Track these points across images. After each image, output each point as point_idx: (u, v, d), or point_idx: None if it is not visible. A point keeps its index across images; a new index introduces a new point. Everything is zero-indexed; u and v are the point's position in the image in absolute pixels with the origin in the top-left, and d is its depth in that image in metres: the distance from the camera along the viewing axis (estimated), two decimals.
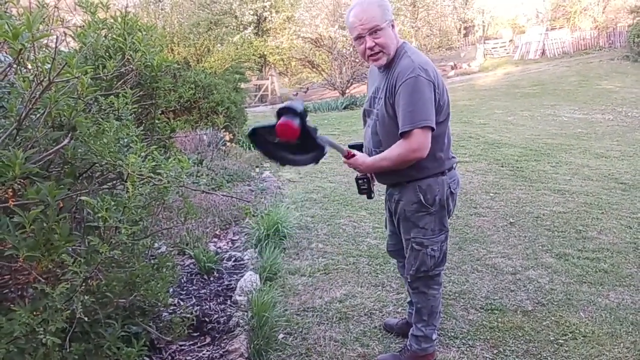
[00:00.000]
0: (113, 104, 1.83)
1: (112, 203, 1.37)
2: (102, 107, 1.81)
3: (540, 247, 3.89)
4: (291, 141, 2.01)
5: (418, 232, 2.26)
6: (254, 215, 4.20)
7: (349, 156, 2.26)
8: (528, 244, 3.95)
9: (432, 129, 2.04)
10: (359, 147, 2.38)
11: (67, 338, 1.56)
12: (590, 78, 17.22)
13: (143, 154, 1.57)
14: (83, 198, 1.39)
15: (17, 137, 1.43)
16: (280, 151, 2.14)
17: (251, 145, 2.12)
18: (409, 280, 2.43)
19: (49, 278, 1.42)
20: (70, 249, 1.41)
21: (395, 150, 2.08)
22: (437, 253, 2.28)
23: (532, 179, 5.88)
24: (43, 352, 1.52)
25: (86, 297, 1.39)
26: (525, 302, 3.06)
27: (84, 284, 1.39)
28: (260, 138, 2.13)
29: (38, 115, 1.57)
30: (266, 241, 3.86)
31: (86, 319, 1.36)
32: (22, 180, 1.26)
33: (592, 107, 11.89)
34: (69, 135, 1.48)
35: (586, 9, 27.69)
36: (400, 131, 2.04)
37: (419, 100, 2.00)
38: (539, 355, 2.53)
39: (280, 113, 2.02)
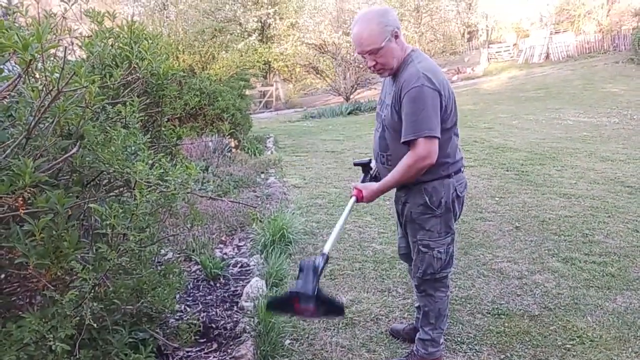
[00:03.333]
0: (120, 112, 1.85)
1: (120, 210, 1.39)
2: (110, 116, 1.83)
3: (546, 251, 3.88)
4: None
5: (424, 234, 2.27)
6: (260, 221, 4.21)
7: (359, 199, 2.29)
8: (534, 248, 3.94)
9: (437, 138, 2.05)
10: (366, 164, 2.46)
11: (76, 345, 1.58)
12: (594, 81, 17.17)
13: (150, 161, 1.58)
14: (92, 205, 1.40)
15: (27, 147, 1.45)
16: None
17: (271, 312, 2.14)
18: (416, 283, 2.44)
19: (57, 285, 1.43)
20: (79, 256, 1.43)
21: (404, 162, 2.10)
22: (443, 255, 2.29)
23: (537, 183, 5.87)
24: (52, 359, 1.54)
25: (94, 304, 1.40)
26: (532, 306, 3.05)
27: (92, 291, 1.40)
28: (278, 307, 2.17)
29: (47, 124, 1.59)
30: (272, 247, 3.87)
31: (95, 325, 1.37)
32: (31, 189, 1.28)
33: (597, 110, 11.84)
34: (77, 143, 1.50)
35: (590, 12, 27.62)
36: (402, 140, 2.07)
37: (423, 110, 2.02)
38: None
39: (295, 295, 1.85)
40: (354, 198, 2.32)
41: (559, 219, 4.60)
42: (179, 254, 3.65)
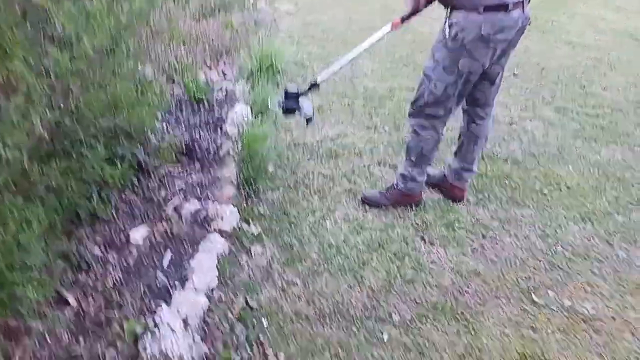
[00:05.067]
0: None
1: (72, 7, 1.19)
2: None
3: (541, 99, 3.78)
4: None
5: (430, 63, 2.18)
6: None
7: (395, 25, 2.21)
8: (529, 96, 3.83)
9: None
10: None
11: (48, 158, 1.51)
12: None
13: None
14: None
15: None
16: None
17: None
18: (408, 113, 2.37)
19: (8, 92, 1.29)
20: (32, 63, 1.26)
21: None
22: (438, 92, 2.17)
23: (544, 30, 5.52)
24: (21, 168, 1.47)
25: (48, 112, 1.27)
26: (517, 152, 3.05)
27: (42, 98, 1.26)
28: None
29: None
30: (259, 75, 3.69)
31: (47, 136, 1.27)
32: None
33: None
34: None
35: None
36: None
37: None
38: (522, 203, 2.59)
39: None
40: (388, 25, 2.22)
41: (560, 67, 4.41)
42: (161, 74, 3.45)
